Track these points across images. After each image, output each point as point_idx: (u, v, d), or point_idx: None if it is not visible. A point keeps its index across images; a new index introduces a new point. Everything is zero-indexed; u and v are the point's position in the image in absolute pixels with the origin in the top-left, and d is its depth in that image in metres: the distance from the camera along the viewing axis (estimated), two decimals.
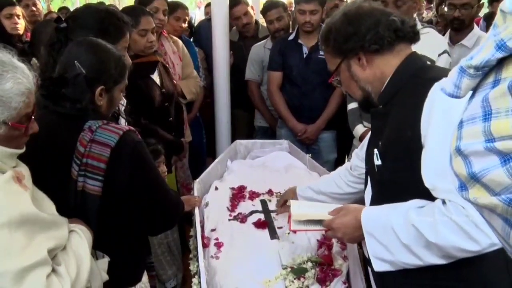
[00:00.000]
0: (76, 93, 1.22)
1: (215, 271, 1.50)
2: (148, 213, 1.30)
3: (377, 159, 1.14)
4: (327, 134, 2.75)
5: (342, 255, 1.60)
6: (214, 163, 2.26)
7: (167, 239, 2.21)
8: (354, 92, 1.23)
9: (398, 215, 1.03)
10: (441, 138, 0.96)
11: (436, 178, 0.98)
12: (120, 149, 1.19)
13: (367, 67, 1.16)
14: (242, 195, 2.01)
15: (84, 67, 1.22)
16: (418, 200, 1.05)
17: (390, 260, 1.06)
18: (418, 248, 1.01)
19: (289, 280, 1.44)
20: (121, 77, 1.29)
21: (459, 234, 0.95)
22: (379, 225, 1.06)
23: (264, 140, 2.61)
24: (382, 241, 1.05)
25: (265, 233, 1.71)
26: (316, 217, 1.28)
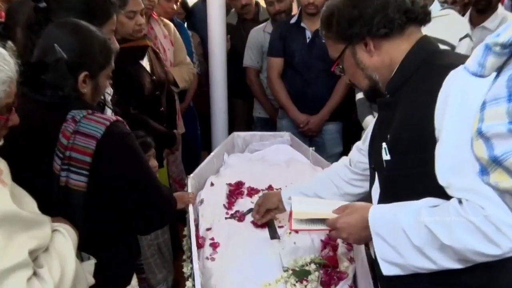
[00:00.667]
0: (57, 79, 1.20)
1: (211, 274, 1.50)
2: (138, 211, 1.30)
3: (385, 153, 1.12)
4: (332, 125, 2.75)
5: (348, 257, 1.60)
6: (209, 157, 2.26)
7: (157, 240, 2.21)
8: (359, 81, 1.22)
9: (409, 215, 1.02)
10: (457, 132, 0.94)
11: (451, 175, 0.97)
12: (107, 141, 1.19)
13: (375, 53, 1.14)
14: (240, 192, 2.01)
15: (65, 51, 1.20)
16: (431, 199, 1.03)
17: (400, 264, 1.05)
18: (431, 251, 0.99)
19: (291, 283, 1.44)
20: (107, 62, 1.28)
21: (477, 236, 0.93)
22: (388, 225, 1.05)
23: (263, 132, 2.61)
24: (391, 243, 1.04)
25: (264, 233, 1.71)
26: (319, 215, 1.28)
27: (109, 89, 1.70)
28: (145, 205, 1.30)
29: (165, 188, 1.42)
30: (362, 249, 1.53)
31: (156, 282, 2.20)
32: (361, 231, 1.13)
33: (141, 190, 1.28)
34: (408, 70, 1.12)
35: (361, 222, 1.12)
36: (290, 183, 2.07)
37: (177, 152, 2.61)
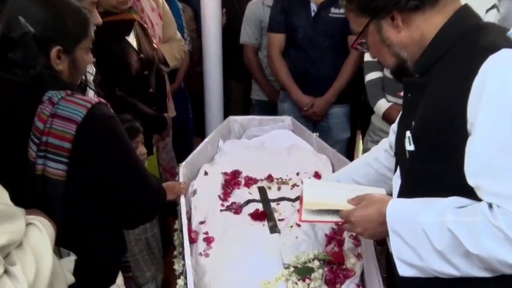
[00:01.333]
0: (27, 56, 1.17)
1: (204, 271, 1.49)
2: (123, 203, 1.29)
3: (409, 143, 1.08)
4: (339, 108, 2.73)
5: (355, 253, 1.59)
6: (203, 143, 2.25)
7: (145, 235, 2.20)
8: (385, 58, 1.18)
9: (433, 214, 0.98)
10: (492, 128, 0.91)
11: (482, 176, 0.93)
12: (88, 125, 1.17)
13: (403, 28, 1.08)
14: (237, 182, 2.00)
15: (32, 24, 1.16)
16: (458, 198, 0.99)
17: (418, 266, 1.02)
18: (454, 257, 0.96)
19: (292, 281, 1.44)
20: (83, 34, 1.24)
21: (506, 246, 0.89)
22: (407, 223, 1.02)
23: (262, 116, 2.60)
24: (410, 243, 1.01)
25: (263, 226, 1.70)
26: (332, 206, 1.24)
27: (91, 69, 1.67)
28: (131, 196, 1.29)
29: (153, 178, 1.41)
30: (370, 244, 1.52)
31: (144, 281, 2.19)
32: (378, 227, 1.11)
33: (127, 180, 1.27)
34: (441, 47, 1.06)
35: (378, 216, 1.09)
36: (291, 172, 2.07)
37: (167, 138, 2.59)
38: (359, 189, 1.30)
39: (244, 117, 2.57)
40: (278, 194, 1.92)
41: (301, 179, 1.99)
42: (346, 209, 1.21)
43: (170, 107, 2.62)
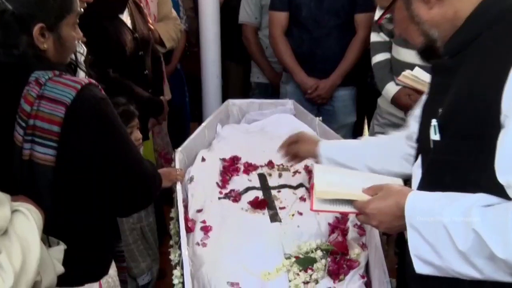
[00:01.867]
0: (8, 36, 1.16)
1: (202, 261, 1.50)
2: (117, 190, 1.29)
3: (434, 132, 1.03)
4: (345, 91, 2.71)
5: (359, 242, 1.60)
6: (200, 128, 2.25)
7: (140, 223, 2.20)
8: (412, 37, 1.13)
9: (456, 211, 0.94)
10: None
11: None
12: (78, 107, 1.16)
13: (435, 4, 1.03)
14: (236, 168, 2.01)
15: (10, 1, 1.15)
16: (486, 196, 0.94)
17: (437, 265, 0.98)
18: (478, 259, 0.92)
19: (294, 272, 1.44)
20: (66, 9, 1.22)
21: None
22: (428, 220, 0.98)
23: (263, 100, 2.59)
24: (430, 240, 0.97)
25: (263, 215, 1.71)
26: (347, 196, 1.21)
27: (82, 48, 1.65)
28: (124, 182, 1.29)
29: (148, 163, 1.40)
30: (376, 234, 1.53)
31: (139, 272, 2.21)
32: (395, 220, 1.06)
33: (120, 165, 1.27)
34: (476, 28, 1.00)
35: (396, 210, 1.05)
36: None
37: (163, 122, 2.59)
38: (374, 178, 1.27)
39: (243, 100, 2.56)
40: (279, 181, 1.92)
41: (305, 165, 1.99)
42: (361, 199, 1.17)
43: (166, 89, 2.61)
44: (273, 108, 2.50)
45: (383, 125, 2.38)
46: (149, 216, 2.25)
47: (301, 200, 1.80)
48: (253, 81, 3.13)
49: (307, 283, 1.42)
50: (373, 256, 1.51)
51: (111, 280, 1.39)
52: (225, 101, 2.55)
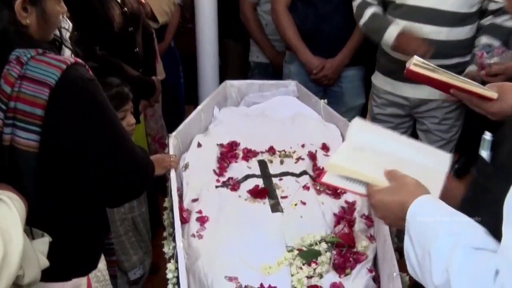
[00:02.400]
0: None
1: (198, 254, 1.50)
2: (106, 178, 1.29)
3: (485, 147, 1.03)
4: (353, 71, 2.70)
5: (367, 234, 1.60)
6: (195, 111, 2.24)
7: (132, 214, 2.20)
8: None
9: (446, 244, 0.92)
10: None
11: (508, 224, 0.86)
12: (63, 89, 1.15)
13: None
14: (234, 154, 2.01)
15: None
16: (486, 236, 0.92)
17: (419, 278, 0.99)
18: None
19: (296, 266, 1.45)
20: None
21: None
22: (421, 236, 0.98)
23: (263, 81, 2.58)
24: (418, 256, 0.98)
25: (264, 205, 1.71)
26: (360, 177, 1.17)
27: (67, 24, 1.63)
28: (115, 170, 1.29)
29: (140, 149, 1.40)
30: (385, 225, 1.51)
31: (130, 266, 2.21)
32: (397, 220, 1.06)
33: (109, 152, 1.26)
34: None
35: (399, 210, 1.05)
36: (296, 143, 2.07)
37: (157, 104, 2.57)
38: (418, 147, 1.24)
39: (242, 81, 2.55)
40: (281, 168, 1.92)
41: (308, 151, 1.99)
42: (376, 183, 1.14)
43: (158, 69, 2.60)
44: (275, 89, 2.50)
45: (381, 105, 2.39)
46: (142, 206, 2.26)
47: (304, 188, 1.79)
48: (252, 60, 3.11)
49: (310, 278, 1.42)
50: (382, 249, 1.51)
51: (100, 275, 1.39)
52: (223, 82, 2.54)
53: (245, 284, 1.38)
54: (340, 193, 1.77)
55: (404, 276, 1.42)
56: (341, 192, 1.76)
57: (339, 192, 1.76)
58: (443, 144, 2.32)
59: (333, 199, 1.76)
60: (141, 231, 2.27)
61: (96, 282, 1.38)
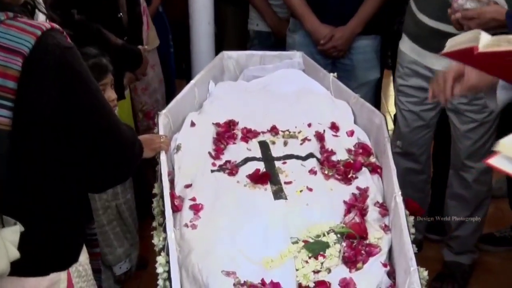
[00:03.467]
0: None
1: (191, 247, 1.51)
2: (88, 159, 1.29)
3: None
4: (366, 41, 2.70)
5: (381, 224, 1.61)
6: (188, 85, 2.24)
7: (116, 201, 2.21)
8: None
9: None
10: None
11: None
12: (38, 58, 1.15)
13: None
14: (232, 135, 2.01)
15: None
16: None
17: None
18: None
19: (302, 260, 1.45)
20: None
21: None
22: None
23: (265, 52, 2.58)
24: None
25: (265, 191, 1.72)
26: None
27: None
28: (97, 149, 1.29)
29: (126, 127, 1.40)
30: (401, 214, 1.53)
31: (114, 259, 2.22)
32: None
33: (92, 130, 1.26)
34: None
35: None
36: (301, 122, 2.07)
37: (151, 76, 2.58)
38: None
39: (241, 52, 2.55)
40: (285, 150, 1.93)
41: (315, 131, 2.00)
42: None
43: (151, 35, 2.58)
44: (278, 61, 2.49)
45: (405, 75, 2.39)
46: (126, 192, 2.26)
47: (311, 173, 1.80)
48: (251, 29, 3.12)
49: (317, 273, 1.43)
50: (397, 240, 1.51)
51: (82, 269, 1.39)
52: (219, 53, 2.53)
53: (244, 279, 1.39)
54: (351, 178, 1.77)
55: (423, 271, 1.43)
56: (352, 177, 1.77)
57: (350, 177, 1.77)
58: (476, 126, 2.32)
59: (343, 184, 1.76)
60: (127, 220, 2.28)
61: (77, 277, 1.38)
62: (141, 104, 2.65)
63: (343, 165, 1.82)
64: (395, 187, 1.65)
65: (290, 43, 2.80)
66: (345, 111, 2.15)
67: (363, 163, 1.84)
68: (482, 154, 2.33)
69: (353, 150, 1.94)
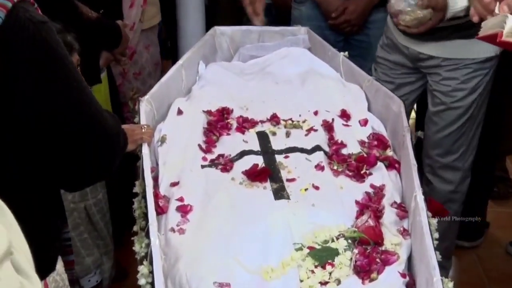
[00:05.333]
0: None
1: (179, 254, 1.52)
2: (66, 149, 1.29)
3: None
4: (384, 14, 2.66)
5: (399, 228, 1.62)
6: (174, 67, 2.25)
7: (84, 202, 2.21)
8: None
9: None
10: None
11: None
12: (11, 34, 1.15)
13: None
14: (226, 125, 2.02)
15: None
16: None
17: None
18: None
19: (307, 268, 1.46)
20: None
21: None
22: None
23: (264, 27, 2.58)
24: None
25: (265, 190, 1.73)
26: None
27: None
28: (78, 138, 1.29)
29: (109, 115, 1.41)
30: (423, 215, 1.54)
31: (82, 269, 2.22)
32: None
33: (71, 112, 1.26)
34: None
35: None
36: (306, 110, 2.08)
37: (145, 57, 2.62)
38: None
39: (236, 28, 2.56)
40: (287, 142, 1.94)
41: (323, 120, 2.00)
42: None
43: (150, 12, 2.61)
44: (279, 39, 2.50)
45: (384, 46, 2.42)
46: (97, 192, 2.25)
47: (317, 168, 1.81)
48: None
49: (325, 284, 1.44)
50: (418, 247, 1.53)
51: (60, 279, 1.40)
52: (211, 29, 2.53)
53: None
54: (364, 175, 1.78)
55: (448, 282, 1.44)
56: (365, 173, 1.78)
57: (363, 173, 1.78)
58: (442, 110, 2.34)
59: (355, 182, 1.78)
60: (97, 224, 2.27)
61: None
62: (132, 92, 2.65)
63: (355, 160, 1.83)
64: (415, 185, 1.66)
65: (295, 16, 2.81)
66: (357, 96, 2.17)
67: (378, 157, 1.85)
68: (446, 150, 2.37)
69: (366, 142, 1.95)
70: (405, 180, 1.80)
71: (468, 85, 2.29)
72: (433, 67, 2.31)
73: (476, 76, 2.27)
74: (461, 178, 2.46)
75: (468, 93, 2.29)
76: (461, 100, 2.31)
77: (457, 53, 2.25)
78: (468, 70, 2.26)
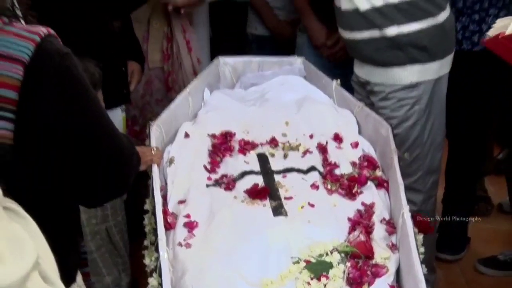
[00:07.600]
0: None
1: (185, 267, 1.52)
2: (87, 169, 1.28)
3: None
4: None
5: (388, 243, 1.62)
6: (182, 94, 2.25)
7: (106, 224, 2.20)
8: None
9: None
10: None
11: None
12: (39, 66, 1.15)
13: None
14: (229, 147, 2.02)
15: None
16: None
17: None
18: None
19: (303, 280, 1.46)
20: None
21: None
22: None
23: (264, 58, 2.59)
24: None
25: (264, 207, 1.72)
26: None
27: None
28: (97, 159, 1.29)
29: (124, 136, 1.41)
30: (410, 231, 1.54)
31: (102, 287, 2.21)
32: None
33: (92, 137, 1.26)
34: None
35: None
36: (302, 133, 2.08)
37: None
38: None
39: (238, 58, 2.56)
40: (285, 163, 1.94)
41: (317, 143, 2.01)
42: None
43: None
44: (277, 68, 2.51)
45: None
46: (117, 214, 2.25)
47: (313, 187, 1.81)
48: (250, 32, 3.13)
49: None
50: (406, 261, 1.52)
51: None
52: (215, 58, 2.53)
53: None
54: (355, 193, 1.78)
55: None
56: (357, 192, 1.78)
57: (355, 192, 1.78)
58: None
59: (348, 200, 1.77)
60: (117, 244, 2.27)
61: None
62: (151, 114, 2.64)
63: (347, 179, 1.83)
64: (402, 202, 1.65)
65: (299, 44, 2.82)
66: (349, 121, 2.16)
67: (368, 176, 1.85)
68: (402, 172, 2.09)
69: (357, 163, 1.94)
70: (393, 198, 1.80)
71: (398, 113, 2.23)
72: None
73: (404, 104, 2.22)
74: (424, 199, 2.36)
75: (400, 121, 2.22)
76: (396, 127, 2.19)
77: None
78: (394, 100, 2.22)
